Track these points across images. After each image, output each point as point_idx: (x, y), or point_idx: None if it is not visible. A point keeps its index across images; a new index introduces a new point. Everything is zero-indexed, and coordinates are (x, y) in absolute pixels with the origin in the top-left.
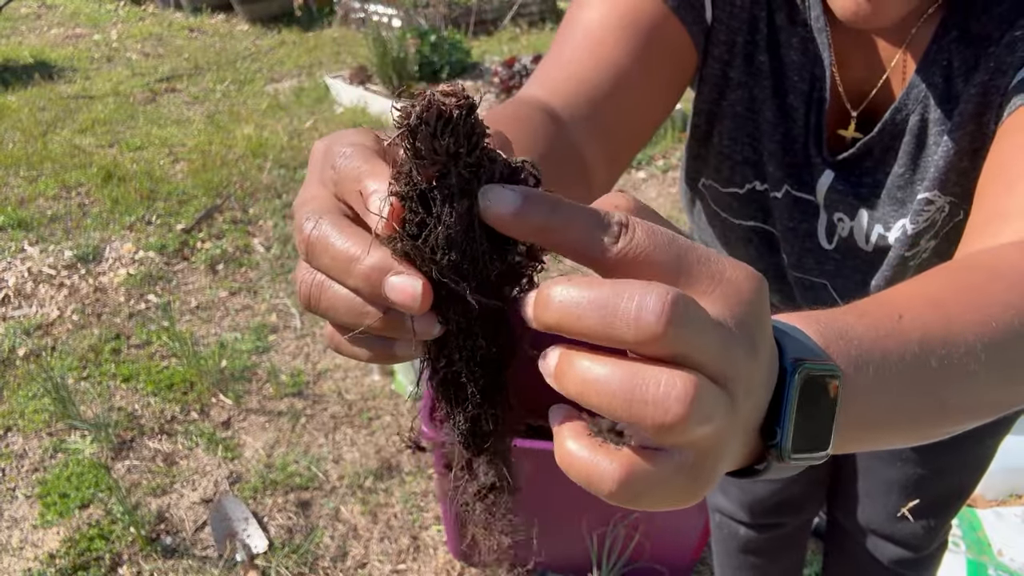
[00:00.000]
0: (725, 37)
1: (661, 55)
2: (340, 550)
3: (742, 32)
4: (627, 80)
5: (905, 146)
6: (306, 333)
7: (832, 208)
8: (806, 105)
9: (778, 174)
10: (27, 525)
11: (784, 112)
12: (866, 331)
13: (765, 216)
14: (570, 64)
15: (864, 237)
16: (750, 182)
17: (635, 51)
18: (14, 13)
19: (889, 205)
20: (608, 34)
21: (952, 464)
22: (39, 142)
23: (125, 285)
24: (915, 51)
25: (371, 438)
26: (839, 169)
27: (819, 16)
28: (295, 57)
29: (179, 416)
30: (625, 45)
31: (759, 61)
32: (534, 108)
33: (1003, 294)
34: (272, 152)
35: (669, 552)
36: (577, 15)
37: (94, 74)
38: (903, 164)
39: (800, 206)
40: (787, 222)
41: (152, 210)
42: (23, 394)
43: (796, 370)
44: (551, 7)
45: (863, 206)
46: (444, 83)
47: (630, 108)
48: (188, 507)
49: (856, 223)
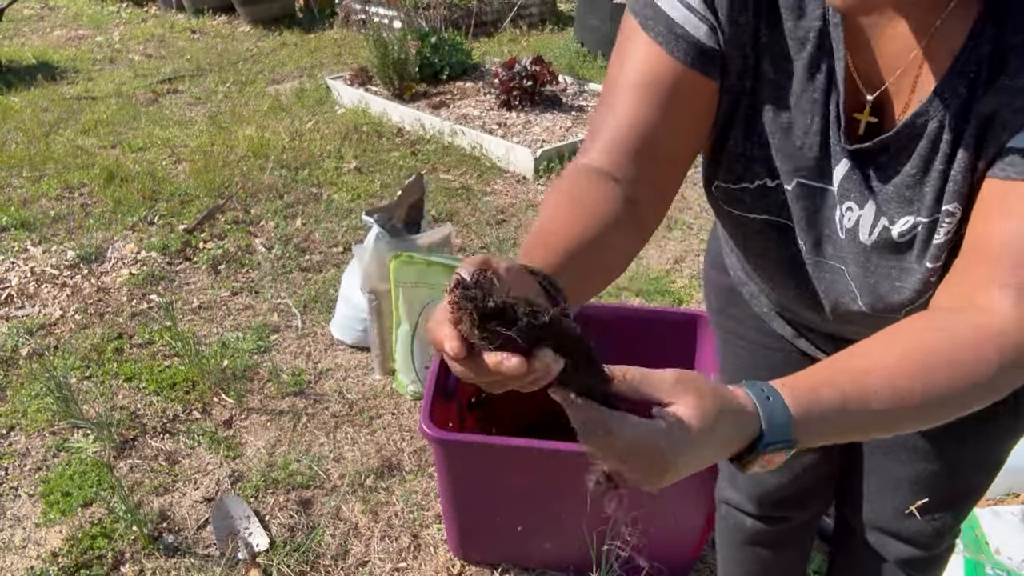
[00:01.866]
0: (737, 53)
1: (690, 103)
2: (341, 548)
3: (749, 43)
4: (662, 134)
5: (920, 149)
6: (307, 333)
7: (844, 197)
8: (825, 95)
9: (788, 167)
10: (30, 523)
11: (799, 106)
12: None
13: (779, 210)
14: (613, 129)
15: (868, 229)
16: (760, 179)
17: (664, 107)
18: (17, 15)
19: (896, 201)
20: (640, 99)
21: (964, 463)
22: (42, 143)
23: (127, 285)
24: (937, 47)
25: (372, 437)
26: (855, 159)
27: (832, 9)
28: (296, 58)
29: (181, 415)
30: (656, 106)
31: (766, 66)
32: (591, 180)
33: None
34: (273, 153)
35: (669, 551)
36: (616, 79)
37: (96, 75)
38: (915, 166)
39: (815, 195)
40: (801, 212)
41: (154, 210)
42: (26, 393)
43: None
44: (551, 9)
45: (872, 198)
46: (466, 265)
47: (669, 155)
48: (190, 506)
49: (864, 213)
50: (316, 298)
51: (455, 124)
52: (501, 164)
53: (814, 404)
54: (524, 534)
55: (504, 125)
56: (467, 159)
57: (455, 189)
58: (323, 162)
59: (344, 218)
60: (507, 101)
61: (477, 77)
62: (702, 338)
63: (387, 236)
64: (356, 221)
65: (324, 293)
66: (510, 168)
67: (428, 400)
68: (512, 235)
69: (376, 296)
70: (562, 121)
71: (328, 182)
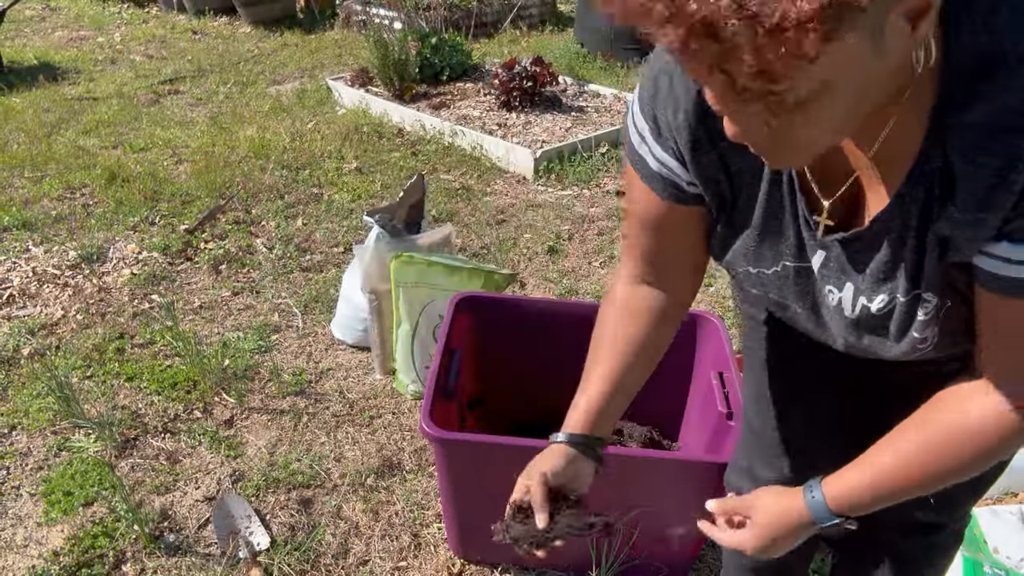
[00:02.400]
0: (711, 180)
1: (683, 228)
2: (342, 548)
3: (720, 170)
4: (668, 256)
5: (889, 241)
6: (308, 332)
7: (824, 281)
8: (791, 197)
9: (772, 253)
10: (31, 523)
11: (771, 208)
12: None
13: (768, 290)
14: (630, 262)
15: (850, 307)
16: (743, 267)
17: (663, 236)
18: (19, 15)
19: (872, 282)
20: (644, 232)
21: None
22: (43, 143)
23: (129, 285)
24: (894, 151)
25: (372, 436)
26: (828, 250)
27: None
28: (297, 59)
29: (182, 415)
30: (657, 237)
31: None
32: (624, 310)
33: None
34: (274, 153)
35: (668, 550)
36: (627, 208)
37: (98, 76)
38: (887, 255)
39: (801, 273)
40: (791, 287)
41: (156, 211)
42: (27, 393)
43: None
44: (551, 10)
45: (849, 279)
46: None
47: (680, 267)
48: (191, 505)
49: (844, 295)
50: (317, 298)
51: (455, 125)
52: (501, 164)
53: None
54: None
55: (504, 126)
56: (467, 159)
57: (455, 189)
58: (324, 162)
59: (345, 218)
60: (507, 102)
61: (477, 78)
62: (702, 338)
63: (387, 236)
64: (357, 221)
65: (325, 293)
66: (510, 168)
67: (428, 400)
68: (512, 235)
69: (376, 296)
70: (562, 122)
71: (329, 182)
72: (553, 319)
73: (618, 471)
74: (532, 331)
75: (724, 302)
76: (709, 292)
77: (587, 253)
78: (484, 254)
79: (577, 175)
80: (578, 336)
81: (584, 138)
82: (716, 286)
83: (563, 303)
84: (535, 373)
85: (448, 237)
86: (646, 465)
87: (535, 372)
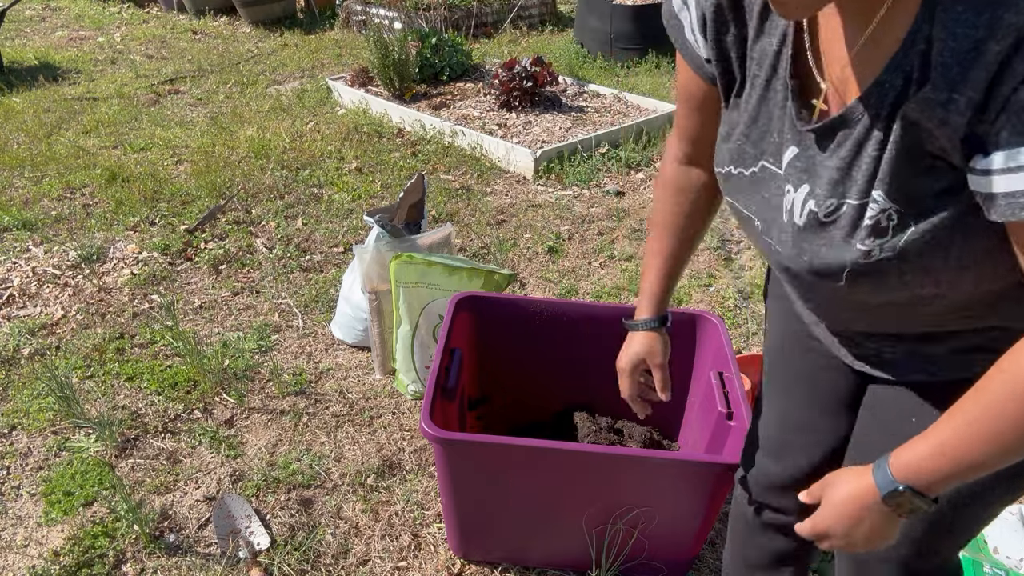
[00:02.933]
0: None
1: (717, 102)
2: (342, 547)
3: (737, 53)
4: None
5: (856, 134)
6: (308, 332)
7: (787, 179)
8: (784, 86)
9: (756, 151)
10: (31, 523)
11: (764, 101)
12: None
13: (739, 198)
14: (676, 141)
15: (799, 209)
16: (727, 167)
17: (700, 114)
18: (19, 15)
19: (827, 186)
20: (683, 111)
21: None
22: (44, 143)
23: (129, 285)
24: (881, 38)
25: (372, 436)
26: (802, 143)
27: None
28: (297, 59)
29: (182, 415)
30: (695, 115)
31: (752, 65)
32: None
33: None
34: (274, 153)
35: (667, 550)
36: (677, 87)
37: (98, 76)
38: (849, 149)
39: (773, 179)
40: (759, 195)
41: (156, 211)
42: (28, 393)
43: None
44: (550, 10)
45: (807, 182)
46: None
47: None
48: (191, 505)
49: (796, 196)
50: (317, 298)
51: (455, 125)
52: (501, 164)
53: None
54: (524, 533)
55: (504, 126)
56: (467, 159)
57: (455, 189)
58: (324, 162)
59: (345, 218)
60: (507, 102)
61: (477, 78)
62: (702, 338)
63: (387, 236)
64: (357, 221)
65: (325, 293)
66: (510, 168)
67: (428, 400)
68: (512, 235)
69: (377, 296)
70: (562, 122)
71: (329, 182)
72: (553, 319)
73: (618, 471)
74: (532, 331)
75: (724, 302)
76: (709, 292)
77: (587, 253)
78: (484, 254)
79: (577, 175)
80: (578, 336)
81: (584, 138)
82: (716, 286)
83: (563, 303)
84: (535, 373)
85: (448, 237)
86: (646, 465)
87: (535, 372)
